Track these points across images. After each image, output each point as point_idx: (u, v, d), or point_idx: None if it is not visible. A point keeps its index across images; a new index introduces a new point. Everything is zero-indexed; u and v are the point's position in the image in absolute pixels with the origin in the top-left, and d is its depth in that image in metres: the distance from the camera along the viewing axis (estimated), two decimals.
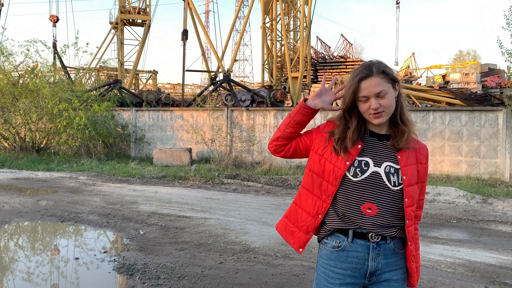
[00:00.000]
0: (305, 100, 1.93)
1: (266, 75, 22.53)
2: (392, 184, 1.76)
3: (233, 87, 17.80)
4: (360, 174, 1.77)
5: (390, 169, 1.78)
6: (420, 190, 1.85)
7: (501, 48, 9.74)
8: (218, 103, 16.80)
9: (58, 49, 19.00)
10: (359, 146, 1.80)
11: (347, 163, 1.79)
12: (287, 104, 19.52)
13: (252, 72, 63.79)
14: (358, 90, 1.75)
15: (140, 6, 26.48)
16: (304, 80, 20.48)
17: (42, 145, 14.95)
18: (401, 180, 1.77)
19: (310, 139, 1.96)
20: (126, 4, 26.10)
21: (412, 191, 1.79)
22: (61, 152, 13.52)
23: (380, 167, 1.78)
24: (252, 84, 43.30)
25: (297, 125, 1.94)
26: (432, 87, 23.33)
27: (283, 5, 20.46)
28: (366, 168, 1.78)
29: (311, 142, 1.95)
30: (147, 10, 26.11)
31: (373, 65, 1.77)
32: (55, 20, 24.35)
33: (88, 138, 13.67)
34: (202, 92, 19.30)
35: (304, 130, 2.02)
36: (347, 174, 1.79)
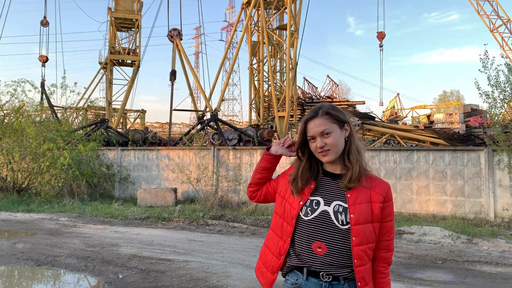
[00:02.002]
0: (268, 148, 2.06)
1: (254, 114, 22.80)
2: (340, 223, 1.79)
3: (220, 126, 17.92)
4: (310, 213, 1.83)
5: (339, 208, 1.81)
6: (381, 230, 1.86)
7: (479, 89, 10.06)
8: (205, 142, 16.83)
9: (46, 88, 19.08)
10: (312, 186, 1.89)
11: (301, 203, 1.86)
12: (274, 143, 19.62)
13: (241, 111, 64.57)
14: (306, 131, 1.88)
15: (130, 47, 27.02)
16: (291, 119, 20.75)
17: (23, 186, 14.64)
18: (349, 219, 1.78)
19: (276, 183, 2.08)
20: (116, 45, 26.62)
21: (361, 230, 1.77)
22: (43, 192, 13.23)
23: (329, 206, 1.82)
24: (241, 123, 43.67)
25: (263, 171, 2.09)
26: (418, 126, 23.80)
27: (270, 47, 21.06)
28: (316, 207, 1.84)
29: (277, 185, 2.06)
30: (137, 51, 26.63)
31: (320, 108, 1.90)
32: (44, 60, 24.62)
33: (71, 178, 13.46)
34: (189, 131, 19.36)
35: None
36: (300, 214, 1.86)
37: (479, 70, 10.01)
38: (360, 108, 25.98)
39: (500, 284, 5.59)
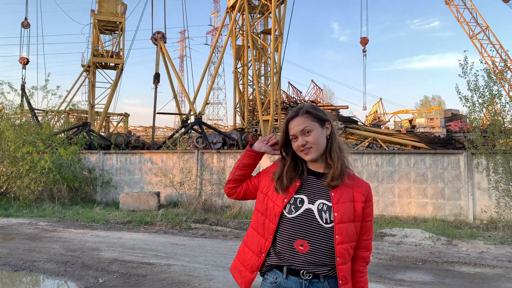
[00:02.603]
0: (251, 145, 2.04)
1: (238, 118, 22.81)
2: (324, 221, 1.80)
3: (205, 130, 17.86)
4: (294, 211, 1.83)
5: (323, 206, 1.82)
6: (361, 229, 1.88)
7: (459, 94, 10.29)
8: (189, 146, 16.74)
9: (26, 91, 18.73)
10: (297, 184, 1.88)
11: (285, 200, 1.86)
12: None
13: (226, 115, 64.32)
14: (288, 131, 1.90)
15: (113, 49, 26.77)
16: (275, 123, 20.83)
17: (2, 190, 14.30)
18: (333, 218, 1.79)
19: (258, 180, 2.06)
20: (99, 48, 26.33)
21: (344, 229, 1.79)
22: (22, 197, 12.95)
23: (314, 204, 1.83)
24: (225, 127, 43.61)
25: (244, 167, 2.06)
26: (400, 131, 24.15)
27: (254, 51, 21.13)
28: (300, 205, 1.84)
29: (259, 183, 2.04)
30: (120, 54, 26.39)
31: (301, 108, 1.93)
32: (25, 62, 24.20)
33: (52, 182, 13.20)
34: (173, 134, 19.24)
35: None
36: (284, 211, 1.85)
37: (459, 75, 10.25)
38: (344, 113, 26.23)
39: (478, 284, 5.69)
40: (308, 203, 1.83)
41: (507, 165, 9.74)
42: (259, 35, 22.18)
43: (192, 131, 18.40)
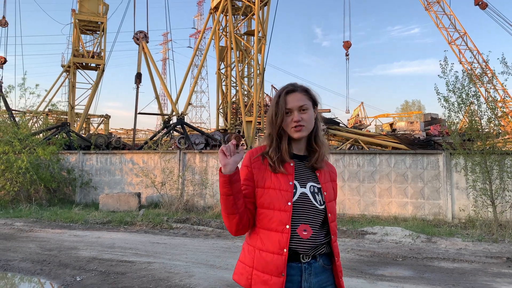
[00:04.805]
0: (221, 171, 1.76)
1: (221, 119, 22.73)
2: (319, 203, 1.81)
3: (187, 131, 17.73)
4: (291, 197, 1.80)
5: (314, 188, 1.83)
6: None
7: (438, 94, 10.44)
8: (171, 146, 16.58)
9: (3, 91, 18.27)
10: (292, 164, 1.83)
11: (290, 183, 1.79)
12: (243, 148, 19.62)
13: (209, 118, 64.26)
14: (285, 103, 1.82)
15: (95, 50, 26.40)
16: (258, 125, 20.83)
17: None
18: (324, 199, 1.83)
19: (251, 180, 1.84)
20: (80, 48, 25.93)
21: (332, 207, 1.85)
22: None
23: (305, 188, 1.81)
24: (209, 130, 43.42)
25: (238, 193, 1.76)
26: (381, 134, 24.47)
27: (238, 52, 21.13)
28: (294, 190, 1.79)
29: (253, 181, 1.83)
30: (102, 54, 26.04)
31: (296, 84, 1.91)
32: (2, 61, 23.64)
33: (29, 182, 12.87)
34: (155, 135, 19.04)
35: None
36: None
37: (438, 75, 10.40)
38: (326, 116, 26.44)
39: (457, 278, 5.77)
40: (300, 187, 1.81)
41: (484, 165, 9.94)
42: (243, 37, 22.20)
43: (175, 132, 18.24)
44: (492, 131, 10.31)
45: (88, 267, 6.16)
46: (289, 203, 1.74)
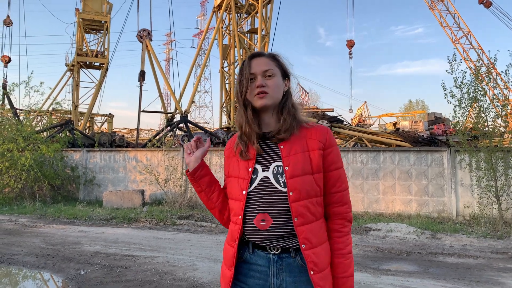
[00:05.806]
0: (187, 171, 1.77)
1: (224, 117, 22.74)
2: (282, 185, 1.55)
3: (190, 129, 17.74)
4: (250, 185, 1.60)
5: (277, 169, 1.58)
6: (328, 181, 1.62)
7: (445, 90, 10.37)
8: (174, 144, 16.59)
9: (8, 89, 18.35)
10: (254, 146, 1.64)
11: (250, 169, 1.61)
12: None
13: (212, 118, 64.33)
14: (249, 68, 1.65)
15: (98, 49, 26.47)
16: None
17: None
18: (286, 175, 1.56)
19: (225, 170, 1.78)
20: (84, 47, 26.01)
21: (298, 183, 1.54)
22: (1, 194, 12.63)
23: (268, 170, 1.60)
24: (212, 129, 43.48)
25: (208, 188, 1.75)
26: (384, 132, 24.39)
27: (241, 50, 21.13)
28: (255, 176, 1.61)
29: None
30: (105, 54, 26.11)
31: (264, 52, 1.77)
32: (6, 60, 23.74)
33: (33, 179, 12.92)
34: (159, 133, 19.07)
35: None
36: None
37: (446, 71, 10.32)
38: (329, 115, 26.41)
39: (462, 273, 5.74)
40: (263, 171, 1.60)
41: (490, 162, 9.88)
42: (246, 35, 22.20)
43: (178, 130, 18.25)
44: (497, 130, 10.25)
45: (92, 261, 6.17)
46: (244, 192, 1.59)
